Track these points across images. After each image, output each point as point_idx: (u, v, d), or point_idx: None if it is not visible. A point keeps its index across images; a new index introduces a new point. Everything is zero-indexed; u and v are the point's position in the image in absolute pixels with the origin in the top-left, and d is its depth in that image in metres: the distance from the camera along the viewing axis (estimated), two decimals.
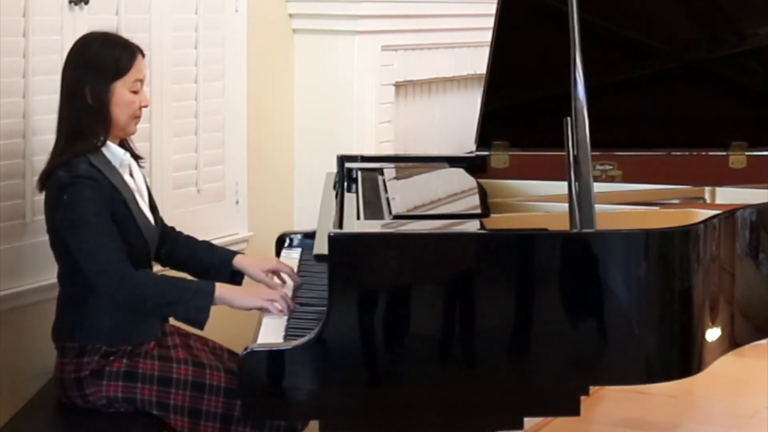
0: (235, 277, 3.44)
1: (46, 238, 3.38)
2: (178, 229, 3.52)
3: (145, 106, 3.23)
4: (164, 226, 3.43)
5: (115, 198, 3.13)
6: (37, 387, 3.35)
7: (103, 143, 3.16)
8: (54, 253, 3.21)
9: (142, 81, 3.20)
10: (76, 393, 3.18)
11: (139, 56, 3.19)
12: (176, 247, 3.44)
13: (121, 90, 3.15)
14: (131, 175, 3.26)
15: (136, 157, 3.30)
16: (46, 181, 3.16)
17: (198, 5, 4.06)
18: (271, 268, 3.44)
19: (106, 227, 3.09)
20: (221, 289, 3.16)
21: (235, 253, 3.50)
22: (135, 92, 3.18)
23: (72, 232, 3.09)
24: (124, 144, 3.25)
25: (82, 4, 3.57)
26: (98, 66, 3.13)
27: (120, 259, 3.09)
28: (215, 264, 3.43)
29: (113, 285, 3.08)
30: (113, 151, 3.18)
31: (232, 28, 4.21)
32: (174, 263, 3.44)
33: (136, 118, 3.22)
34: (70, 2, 3.54)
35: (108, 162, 3.16)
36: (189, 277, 3.37)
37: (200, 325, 3.14)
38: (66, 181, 3.09)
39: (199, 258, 3.44)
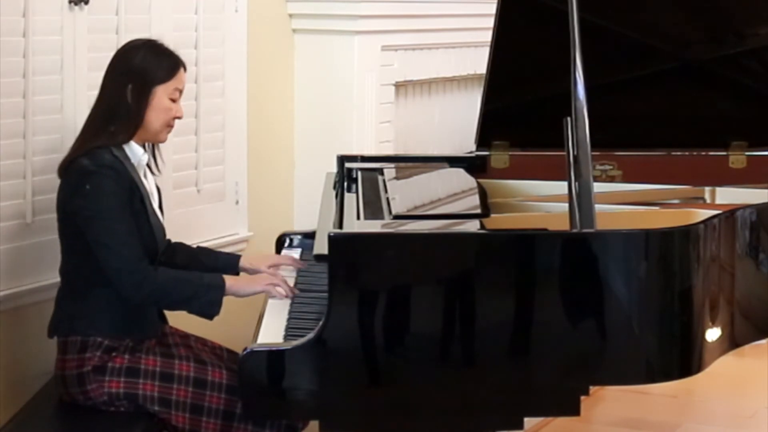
0: None
1: (46, 238, 3.39)
2: (178, 230, 3.53)
3: (180, 117, 3.29)
4: None
5: (133, 192, 3.18)
6: (37, 386, 3.35)
7: (126, 141, 3.21)
8: (61, 242, 3.23)
9: (180, 92, 3.27)
10: (78, 389, 3.18)
11: (182, 68, 3.27)
12: (174, 254, 3.47)
13: (161, 95, 3.21)
14: (145, 177, 3.29)
15: (151, 168, 3.34)
16: (66, 168, 3.18)
17: (198, 5, 4.06)
18: (272, 263, 3.52)
19: (127, 223, 3.13)
20: (228, 280, 3.23)
21: (237, 256, 3.55)
22: (173, 101, 3.24)
23: (92, 224, 3.12)
24: (145, 149, 3.28)
25: (82, 4, 3.57)
26: (144, 68, 3.20)
27: (141, 258, 3.14)
28: (219, 268, 3.47)
29: (136, 284, 3.12)
30: (134, 149, 3.23)
31: (232, 28, 4.21)
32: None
33: (170, 126, 3.29)
34: (70, 2, 3.54)
35: (127, 158, 3.21)
36: None
37: (211, 318, 3.20)
38: (90, 169, 3.12)
39: (202, 262, 3.49)
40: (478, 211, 3.32)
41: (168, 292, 3.18)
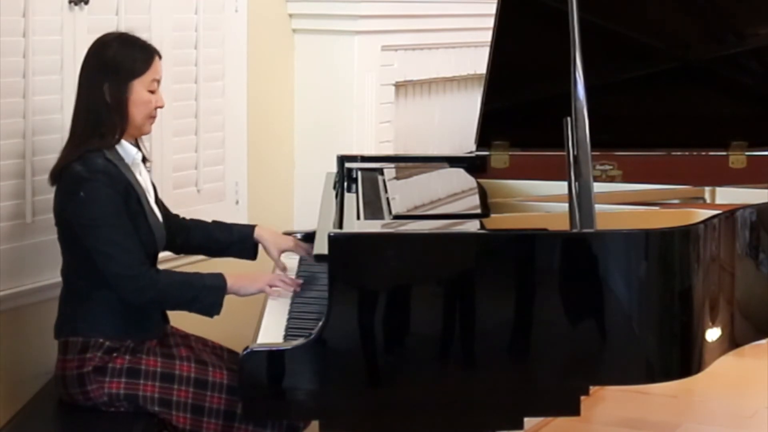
0: (256, 249, 3.54)
1: (46, 238, 3.39)
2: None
3: (161, 107, 3.27)
4: (172, 215, 3.47)
5: (129, 194, 3.17)
6: (37, 386, 3.35)
7: (118, 141, 3.19)
8: (61, 246, 3.23)
9: (158, 81, 3.25)
10: (78, 390, 3.18)
11: (156, 57, 3.24)
12: (189, 234, 3.49)
13: (139, 89, 3.19)
14: (140, 174, 3.28)
15: (144, 159, 3.32)
16: (59, 174, 3.18)
17: (198, 5, 4.06)
18: (287, 249, 3.53)
19: (125, 228, 3.12)
20: (230, 280, 3.22)
21: (252, 227, 3.56)
22: (152, 92, 3.22)
23: (90, 232, 3.11)
24: (135, 144, 3.28)
25: (82, 4, 3.57)
26: (118, 64, 3.17)
27: (142, 262, 3.13)
28: (236, 241, 3.51)
29: (138, 290, 3.12)
30: (126, 149, 3.22)
31: (232, 28, 4.21)
32: (191, 249, 3.49)
33: (152, 118, 3.26)
34: (70, 2, 3.54)
35: (121, 159, 3.20)
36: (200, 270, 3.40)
37: (212, 317, 3.21)
38: (83, 176, 3.11)
39: (218, 239, 3.52)
40: (478, 211, 3.32)
41: (170, 296, 3.18)
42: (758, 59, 4.03)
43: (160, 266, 3.30)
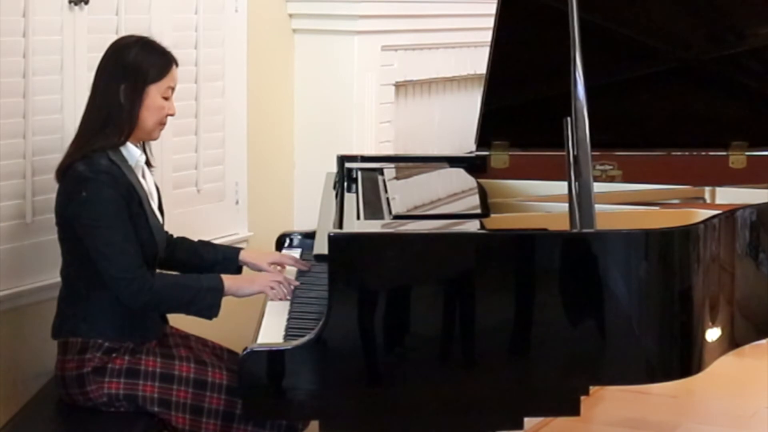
0: (239, 272, 3.50)
1: (46, 238, 3.39)
2: (178, 229, 3.53)
3: (172, 115, 3.28)
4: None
5: (131, 196, 3.17)
6: (37, 386, 3.35)
7: (123, 143, 3.20)
8: (61, 246, 3.23)
9: (173, 89, 3.26)
10: (78, 390, 3.18)
11: (174, 65, 3.25)
12: (174, 250, 3.48)
13: (154, 94, 3.20)
14: (143, 177, 3.28)
15: (148, 163, 3.33)
16: (63, 173, 3.18)
17: (198, 5, 4.06)
18: (275, 261, 3.52)
19: (125, 230, 3.12)
20: (227, 281, 3.23)
21: (238, 249, 3.56)
22: (166, 98, 3.23)
23: (90, 233, 3.11)
24: (144, 149, 3.29)
25: (82, 4, 3.57)
26: (137, 68, 3.18)
27: (140, 265, 3.13)
28: (220, 261, 3.49)
29: (134, 292, 3.12)
30: (131, 150, 3.22)
31: (232, 28, 4.21)
32: (175, 266, 3.46)
33: (162, 125, 3.27)
34: (70, 2, 3.54)
35: (125, 160, 3.20)
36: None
37: (210, 319, 3.21)
38: (86, 176, 3.12)
39: (202, 256, 3.50)
40: (478, 211, 3.32)
41: (167, 299, 3.18)
42: (758, 59, 4.03)
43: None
